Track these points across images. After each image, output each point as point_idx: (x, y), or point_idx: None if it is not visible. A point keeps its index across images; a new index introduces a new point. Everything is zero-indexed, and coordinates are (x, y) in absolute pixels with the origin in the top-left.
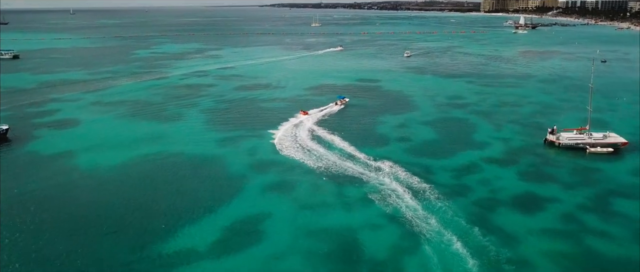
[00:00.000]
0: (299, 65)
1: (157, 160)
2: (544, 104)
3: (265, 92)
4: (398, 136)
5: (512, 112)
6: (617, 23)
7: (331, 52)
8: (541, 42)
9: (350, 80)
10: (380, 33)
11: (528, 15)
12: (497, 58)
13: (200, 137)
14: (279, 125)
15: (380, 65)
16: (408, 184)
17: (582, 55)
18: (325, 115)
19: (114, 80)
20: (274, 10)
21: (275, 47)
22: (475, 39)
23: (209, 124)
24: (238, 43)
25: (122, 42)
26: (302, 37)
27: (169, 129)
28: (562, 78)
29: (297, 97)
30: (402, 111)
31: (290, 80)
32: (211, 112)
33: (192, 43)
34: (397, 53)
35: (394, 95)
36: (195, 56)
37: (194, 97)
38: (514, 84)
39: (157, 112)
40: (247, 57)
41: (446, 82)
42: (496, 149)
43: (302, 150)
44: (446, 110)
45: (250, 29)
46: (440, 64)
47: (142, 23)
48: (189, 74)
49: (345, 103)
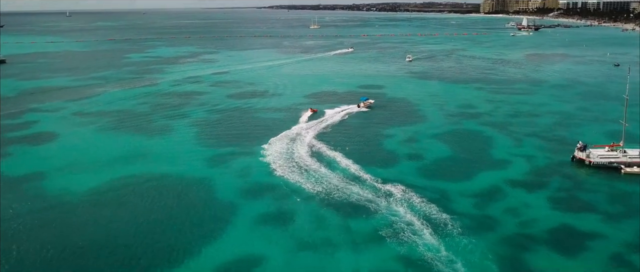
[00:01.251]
0: (297, 70)
1: (137, 184)
2: (563, 114)
3: (260, 101)
4: (407, 152)
5: (530, 124)
6: (621, 24)
7: (341, 54)
8: (546, 44)
9: (352, 87)
10: (380, 35)
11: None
12: (503, 62)
13: (188, 155)
14: (275, 138)
15: (382, 69)
16: (425, 214)
17: (593, 59)
18: (328, 127)
19: (101, 88)
20: (272, 12)
21: (273, 51)
22: (478, 42)
23: (198, 138)
24: (234, 46)
25: (115, 45)
26: (301, 39)
27: (154, 145)
28: (576, 84)
29: (295, 106)
30: (409, 122)
31: (288, 86)
32: (201, 124)
33: (187, 46)
34: (399, 56)
35: (399, 104)
36: (189, 60)
37: (184, 107)
38: (526, 91)
39: (143, 124)
40: (243, 61)
41: (453, 88)
42: (519, 168)
43: (299, 170)
44: (457, 121)
45: (247, 31)
46: (445, 68)
47: (138, 25)
48: (181, 80)
49: (370, 105)
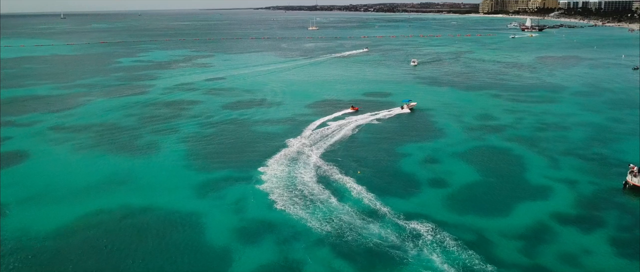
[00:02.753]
0: (297, 75)
1: (113, 222)
2: (595, 127)
3: (258, 111)
4: (428, 176)
5: (562, 139)
6: (627, 24)
7: (356, 54)
8: (555, 46)
9: (357, 94)
10: (381, 36)
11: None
12: (515, 65)
13: (175, 182)
14: (276, 158)
15: (387, 74)
16: (465, 265)
17: (608, 62)
18: (335, 144)
19: (85, 97)
20: (269, 13)
21: (271, 54)
22: (484, 43)
23: (187, 158)
24: (230, 49)
25: (107, 48)
26: (299, 42)
27: (136, 168)
28: (599, 90)
29: (297, 117)
30: (425, 137)
31: (288, 94)
32: (192, 140)
33: (182, 49)
34: (403, 60)
35: (410, 115)
36: (182, 65)
37: (174, 119)
38: (548, 99)
39: (127, 141)
40: (239, 65)
41: (467, 96)
42: (563, 198)
43: (304, 201)
44: (479, 136)
45: (244, 33)
46: (454, 73)
47: (132, 27)
48: (172, 87)
49: (413, 107)
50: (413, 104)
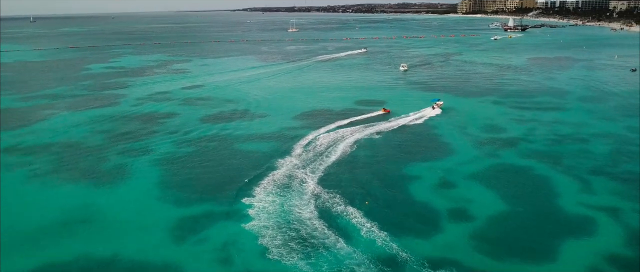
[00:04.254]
0: (281, 82)
1: None
2: (616, 139)
3: (241, 124)
4: (447, 206)
5: (584, 154)
6: (607, 23)
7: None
8: (543, 46)
9: (348, 103)
10: (363, 38)
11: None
12: (508, 68)
13: (147, 220)
14: (264, 184)
15: (377, 80)
16: None
17: (603, 63)
18: (333, 165)
19: (47, 110)
20: (247, 15)
21: (251, 58)
22: (470, 44)
23: (162, 187)
24: (208, 53)
25: (77, 54)
26: (280, 44)
27: (102, 202)
28: (606, 95)
29: (285, 132)
30: (432, 154)
31: (273, 103)
32: (167, 162)
33: (157, 54)
34: (389, 63)
35: (410, 126)
36: (157, 71)
37: (147, 136)
38: (554, 105)
39: (92, 165)
40: (218, 70)
41: (467, 103)
42: (610, 232)
43: (304, 247)
44: (492, 152)
45: (222, 35)
46: (447, 77)
47: (105, 31)
48: (146, 97)
49: (441, 105)
50: (441, 102)
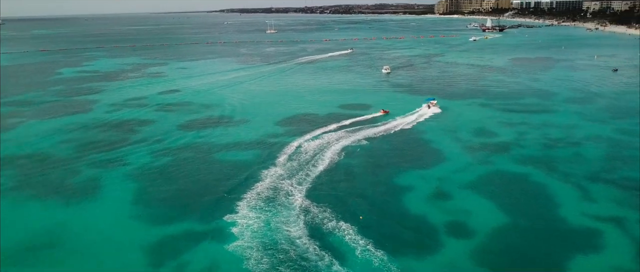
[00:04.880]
0: (261, 85)
1: None
2: (607, 142)
3: (221, 131)
4: (445, 219)
5: (579, 159)
6: (582, 23)
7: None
8: (523, 47)
9: (332, 107)
10: (343, 39)
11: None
12: (491, 69)
13: (121, 242)
14: (247, 200)
15: (360, 83)
16: None
17: (584, 63)
18: (321, 176)
19: (14, 118)
20: (224, 16)
21: (229, 60)
22: (451, 45)
23: (137, 204)
24: (185, 55)
25: (47, 57)
26: (259, 46)
27: (71, 222)
28: (592, 96)
29: (268, 139)
30: (424, 162)
31: (254, 108)
32: (143, 175)
33: (132, 57)
34: (372, 64)
35: (399, 133)
36: (132, 75)
37: (121, 146)
38: (541, 107)
39: (61, 179)
40: (196, 74)
41: (453, 106)
42: (619, 246)
43: (293, 269)
44: (485, 159)
45: (199, 37)
46: (431, 79)
47: (78, 33)
48: (120, 103)
49: (435, 105)
50: (435, 101)
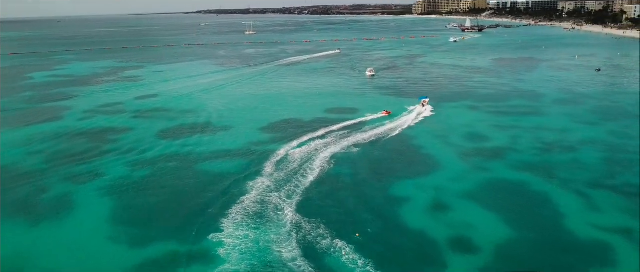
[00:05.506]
0: (242, 89)
1: None
2: (602, 145)
3: (203, 139)
4: (447, 234)
5: (576, 165)
6: (558, 23)
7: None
8: (504, 47)
9: (318, 111)
10: (323, 41)
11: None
12: (475, 70)
13: (95, 268)
14: (233, 215)
15: (344, 86)
16: None
17: (566, 63)
18: (311, 187)
19: None
20: (201, 17)
21: (208, 63)
22: (431, 46)
23: (114, 223)
24: (163, 58)
25: (17, 61)
26: (238, 47)
27: (40, 246)
28: (579, 97)
29: (252, 147)
30: (417, 170)
31: (236, 113)
32: (120, 189)
33: (107, 60)
34: (354, 66)
35: (389, 139)
36: (107, 79)
37: (95, 157)
38: (531, 109)
39: (30, 196)
40: (174, 77)
41: (443, 110)
42: (630, 260)
43: None
44: (480, 165)
45: (176, 39)
46: (416, 81)
47: (50, 36)
48: (94, 109)
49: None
50: (426, 100)
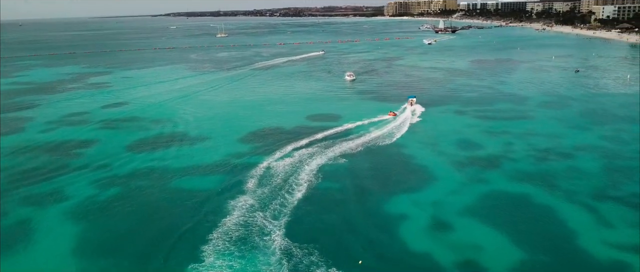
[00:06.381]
0: (217, 95)
1: None
2: (600, 151)
3: (177, 152)
4: (453, 258)
5: (575, 173)
6: (529, 24)
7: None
8: (479, 48)
9: (299, 118)
10: (297, 43)
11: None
12: (455, 72)
13: None
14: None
15: (324, 91)
16: None
17: (544, 64)
18: (300, 206)
19: None
20: (170, 20)
21: (180, 67)
22: (407, 48)
23: (79, 254)
24: (131, 63)
25: None
26: (210, 51)
27: None
28: (564, 99)
29: (231, 160)
30: (412, 183)
31: (212, 122)
32: (85, 214)
33: (71, 65)
34: (332, 70)
35: (378, 148)
36: (71, 87)
37: (58, 174)
38: (518, 113)
39: None
40: (143, 84)
41: (429, 115)
42: None
43: None
44: (477, 176)
45: (145, 43)
46: (397, 85)
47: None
48: (57, 120)
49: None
50: (414, 99)
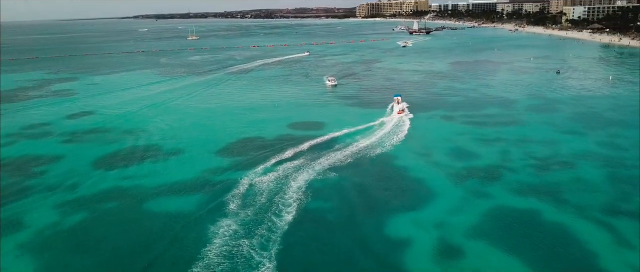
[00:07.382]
0: (191, 102)
1: None
2: (601, 159)
3: (151, 168)
4: None
5: (583, 186)
6: (500, 25)
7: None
8: (456, 49)
9: (280, 127)
10: (271, 46)
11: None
12: (436, 75)
13: None
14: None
15: (304, 97)
16: None
17: (524, 65)
18: (292, 229)
19: None
20: (138, 23)
21: (151, 72)
22: (384, 50)
23: None
24: (98, 68)
25: None
26: (182, 55)
27: None
28: (551, 102)
29: (210, 177)
30: (410, 200)
31: (186, 133)
32: (47, 246)
33: (32, 71)
34: (310, 74)
35: (369, 159)
36: (33, 95)
37: (15, 197)
38: (508, 118)
39: None
40: (112, 90)
41: (418, 122)
42: None
43: None
44: (477, 189)
45: (113, 46)
46: (379, 89)
47: None
48: (16, 133)
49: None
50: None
